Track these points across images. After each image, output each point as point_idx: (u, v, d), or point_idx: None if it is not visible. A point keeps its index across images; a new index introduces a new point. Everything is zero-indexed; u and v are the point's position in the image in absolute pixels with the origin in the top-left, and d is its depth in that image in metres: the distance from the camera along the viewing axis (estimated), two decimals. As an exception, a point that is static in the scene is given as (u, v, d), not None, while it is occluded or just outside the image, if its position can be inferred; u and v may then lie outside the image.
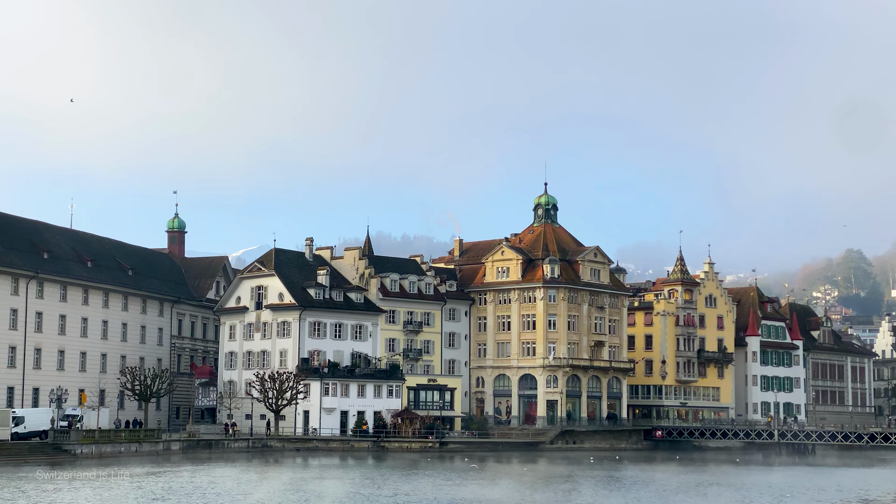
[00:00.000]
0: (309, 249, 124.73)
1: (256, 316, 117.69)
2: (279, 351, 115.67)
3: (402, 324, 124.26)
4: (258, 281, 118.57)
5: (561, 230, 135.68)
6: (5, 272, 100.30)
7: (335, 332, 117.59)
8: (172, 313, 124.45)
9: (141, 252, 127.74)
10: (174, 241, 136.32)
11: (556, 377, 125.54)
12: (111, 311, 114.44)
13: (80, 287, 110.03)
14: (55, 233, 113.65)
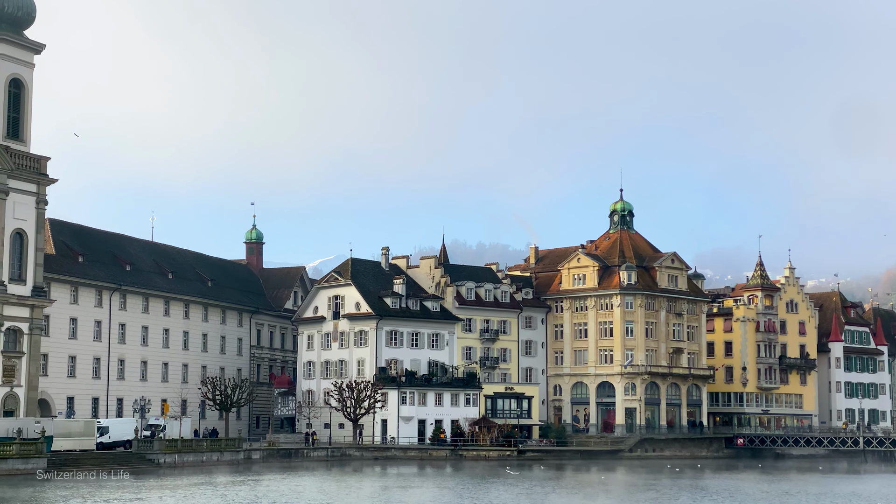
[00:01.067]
0: (385, 259, 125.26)
1: (334, 325, 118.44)
2: (357, 360, 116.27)
3: (479, 332, 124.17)
4: (335, 291, 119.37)
5: (637, 236, 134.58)
6: (89, 284, 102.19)
7: (412, 341, 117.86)
8: (251, 323, 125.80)
9: (220, 263, 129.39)
10: (252, 252, 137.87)
11: (634, 385, 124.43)
12: (192, 322, 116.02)
13: (162, 298, 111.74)
14: (137, 246, 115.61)
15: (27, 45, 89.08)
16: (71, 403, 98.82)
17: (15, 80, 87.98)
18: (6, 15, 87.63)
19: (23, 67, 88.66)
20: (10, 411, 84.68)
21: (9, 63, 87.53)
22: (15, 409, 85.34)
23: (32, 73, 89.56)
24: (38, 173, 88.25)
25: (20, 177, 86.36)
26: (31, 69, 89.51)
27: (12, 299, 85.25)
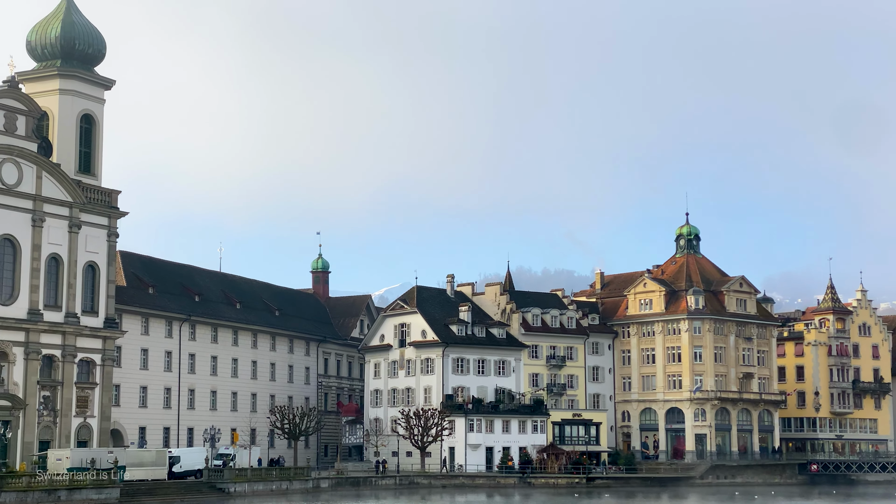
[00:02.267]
0: (450, 286, 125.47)
1: (400, 353, 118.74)
2: (423, 388, 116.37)
3: (545, 358, 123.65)
4: (401, 319, 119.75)
5: (704, 260, 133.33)
6: (160, 315, 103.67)
7: (478, 368, 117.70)
8: (318, 352, 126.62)
9: (287, 293, 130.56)
10: (318, 282, 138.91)
11: (704, 410, 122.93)
12: (260, 352, 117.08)
13: (230, 328, 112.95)
14: (205, 276, 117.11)
15: (98, 82, 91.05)
16: (143, 433, 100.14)
17: (86, 115, 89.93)
18: (77, 52, 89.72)
19: (94, 103, 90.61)
20: (83, 441, 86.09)
21: (80, 99, 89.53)
22: (88, 440, 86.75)
23: (103, 108, 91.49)
24: (108, 207, 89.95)
25: (92, 210, 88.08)
26: (102, 105, 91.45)
27: (85, 331, 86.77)
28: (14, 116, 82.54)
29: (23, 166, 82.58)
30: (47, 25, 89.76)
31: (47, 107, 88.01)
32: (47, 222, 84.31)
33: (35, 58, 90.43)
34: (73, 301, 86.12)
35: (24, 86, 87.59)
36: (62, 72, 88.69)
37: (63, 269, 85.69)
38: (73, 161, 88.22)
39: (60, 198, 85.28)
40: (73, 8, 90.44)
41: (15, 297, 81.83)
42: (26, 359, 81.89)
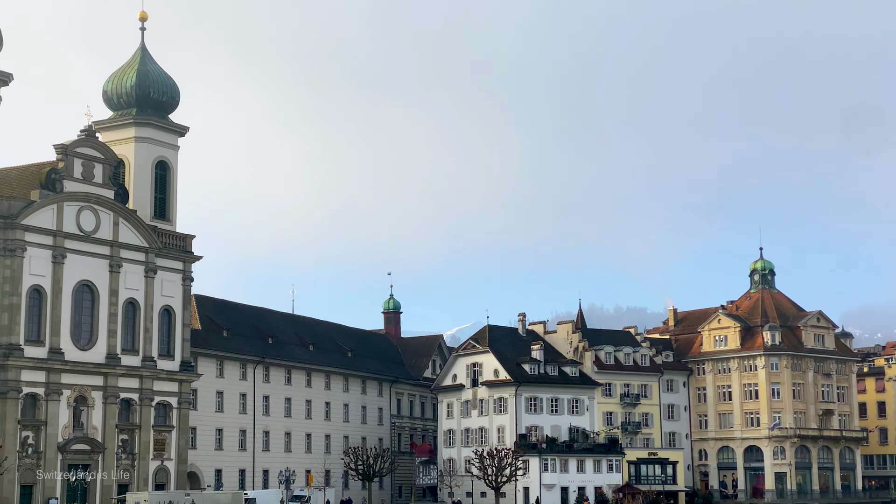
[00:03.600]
0: (522, 325, 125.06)
1: (473, 393, 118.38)
2: (497, 427, 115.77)
3: (619, 396, 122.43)
4: (473, 358, 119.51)
5: (779, 295, 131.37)
6: (234, 358, 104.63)
7: (552, 407, 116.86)
8: (391, 393, 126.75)
9: (359, 334, 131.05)
10: (390, 322, 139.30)
11: (783, 448, 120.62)
12: (333, 393, 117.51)
13: (304, 370, 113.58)
14: (278, 318, 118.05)
15: (172, 129, 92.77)
16: (219, 475, 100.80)
17: (161, 162, 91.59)
18: (152, 101, 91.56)
19: (168, 150, 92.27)
20: (161, 484, 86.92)
21: (155, 147, 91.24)
22: (166, 483, 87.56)
23: (177, 154, 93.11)
24: (183, 251, 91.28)
25: (167, 255, 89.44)
26: (176, 151, 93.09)
27: (162, 374, 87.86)
28: (92, 165, 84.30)
29: (100, 213, 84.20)
30: (123, 75, 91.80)
31: (123, 154, 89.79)
32: (124, 267, 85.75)
33: (111, 107, 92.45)
34: (149, 345, 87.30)
35: (101, 134, 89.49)
36: (137, 120, 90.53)
37: (140, 313, 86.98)
38: (148, 207, 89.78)
39: (137, 243, 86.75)
40: (147, 57, 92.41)
41: (93, 341, 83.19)
42: (105, 403, 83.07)
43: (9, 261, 77.45)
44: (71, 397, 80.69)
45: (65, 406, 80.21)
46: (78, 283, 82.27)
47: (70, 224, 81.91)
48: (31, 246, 78.84)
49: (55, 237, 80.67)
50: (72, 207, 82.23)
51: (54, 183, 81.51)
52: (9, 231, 77.43)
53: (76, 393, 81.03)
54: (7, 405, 76.14)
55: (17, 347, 77.14)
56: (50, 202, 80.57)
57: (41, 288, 79.57)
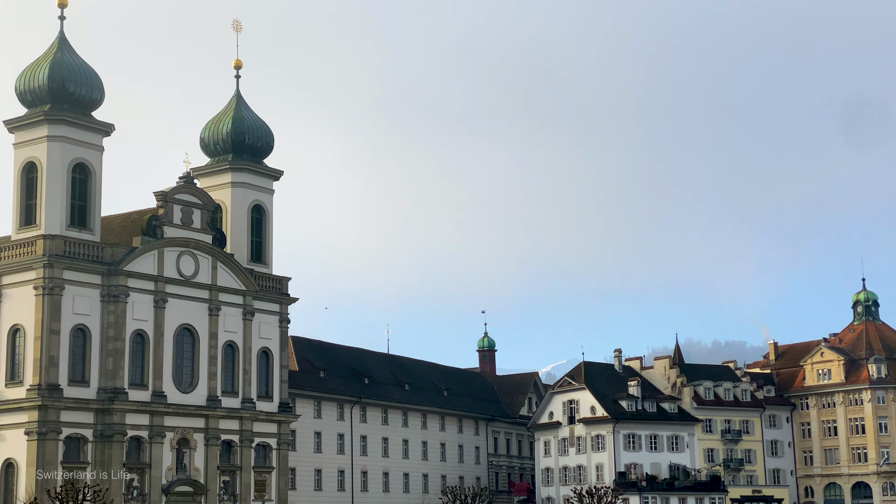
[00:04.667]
0: (618, 361, 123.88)
1: (570, 430, 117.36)
2: (595, 465, 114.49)
3: (720, 433, 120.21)
4: (569, 395, 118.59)
5: (884, 327, 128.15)
6: (331, 398, 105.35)
7: (651, 444, 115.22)
8: (488, 431, 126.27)
9: (454, 372, 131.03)
10: (485, 360, 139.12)
11: (892, 484, 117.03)
12: (429, 432, 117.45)
13: (400, 410, 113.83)
14: (374, 359, 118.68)
15: (267, 173, 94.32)
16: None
17: (257, 206, 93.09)
18: (247, 146, 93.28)
19: (263, 194, 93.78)
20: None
21: (251, 191, 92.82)
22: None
23: (272, 198, 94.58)
24: (280, 293, 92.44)
25: (264, 298, 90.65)
26: (271, 195, 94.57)
27: (261, 416, 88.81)
28: (190, 210, 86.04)
29: (199, 258, 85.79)
30: (219, 122, 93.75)
31: (220, 199, 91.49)
32: (223, 311, 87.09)
33: (208, 153, 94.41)
34: (248, 387, 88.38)
35: (199, 181, 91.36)
36: (233, 165, 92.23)
37: (238, 355, 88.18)
38: (245, 250, 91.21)
39: (235, 287, 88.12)
40: (242, 104, 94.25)
41: (195, 384, 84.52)
42: (206, 444, 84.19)
43: (113, 306, 79.25)
44: (174, 439, 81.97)
45: (168, 448, 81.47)
46: (179, 326, 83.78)
47: (171, 269, 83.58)
48: (134, 291, 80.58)
49: (156, 282, 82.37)
50: (172, 253, 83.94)
51: (155, 229, 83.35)
52: (112, 277, 79.27)
53: (179, 435, 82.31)
54: (113, 448, 77.59)
55: (121, 391, 78.72)
56: (151, 248, 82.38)
57: (144, 332, 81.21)
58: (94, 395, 77.75)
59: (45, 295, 75.74)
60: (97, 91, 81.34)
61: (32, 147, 78.99)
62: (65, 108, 79.18)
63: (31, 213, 78.63)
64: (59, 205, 78.11)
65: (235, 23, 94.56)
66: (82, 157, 79.70)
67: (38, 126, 78.89)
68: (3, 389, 76.51)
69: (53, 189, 77.94)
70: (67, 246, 77.39)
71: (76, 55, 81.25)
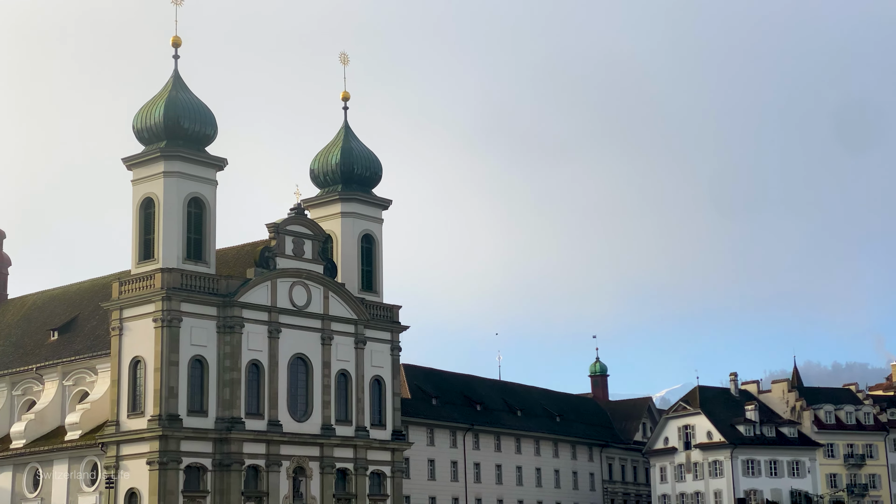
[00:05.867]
0: (734, 385, 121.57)
1: (686, 456, 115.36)
2: (713, 491, 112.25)
3: (843, 457, 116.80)
4: (684, 420, 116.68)
5: None
6: (444, 426, 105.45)
7: (770, 470, 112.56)
8: (602, 458, 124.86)
9: (566, 398, 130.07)
10: (597, 385, 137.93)
11: None
12: (543, 459, 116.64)
13: (513, 436, 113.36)
14: (486, 385, 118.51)
15: (376, 203, 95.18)
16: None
17: (366, 235, 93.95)
18: (356, 177, 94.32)
19: (373, 223, 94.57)
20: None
21: (361, 221, 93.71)
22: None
23: (381, 227, 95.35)
24: (391, 322, 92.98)
25: (375, 326, 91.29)
26: (380, 224, 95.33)
27: (374, 444, 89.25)
28: (302, 241, 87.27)
29: (311, 288, 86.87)
30: (328, 154, 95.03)
31: (331, 230, 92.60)
32: (335, 340, 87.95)
33: (318, 184, 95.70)
34: (361, 415, 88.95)
35: (309, 212, 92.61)
36: (343, 196, 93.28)
37: (351, 384, 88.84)
38: (356, 280, 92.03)
39: (346, 316, 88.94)
40: (350, 135, 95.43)
41: (309, 413, 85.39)
42: (322, 473, 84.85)
43: (228, 337, 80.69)
44: (290, 468, 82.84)
45: (284, 477, 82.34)
46: (293, 356, 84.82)
47: (284, 300, 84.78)
48: (249, 322, 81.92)
49: (270, 313, 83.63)
50: (285, 283, 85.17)
51: (268, 261, 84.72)
52: (228, 309, 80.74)
53: (295, 464, 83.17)
54: (231, 477, 78.77)
55: (238, 421, 79.95)
56: (264, 279, 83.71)
57: (259, 362, 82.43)
58: (213, 425, 79.09)
59: (164, 327, 77.50)
60: (210, 127, 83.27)
61: (150, 183, 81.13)
62: (180, 145, 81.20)
63: (150, 248, 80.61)
64: (176, 239, 79.96)
65: (343, 56, 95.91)
66: (197, 192, 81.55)
67: (154, 163, 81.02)
68: (126, 420, 78.38)
69: (170, 223, 79.84)
70: (184, 279, 79.13)
71: (190, 92, 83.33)
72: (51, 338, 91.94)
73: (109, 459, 78.09)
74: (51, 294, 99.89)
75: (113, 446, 78.07)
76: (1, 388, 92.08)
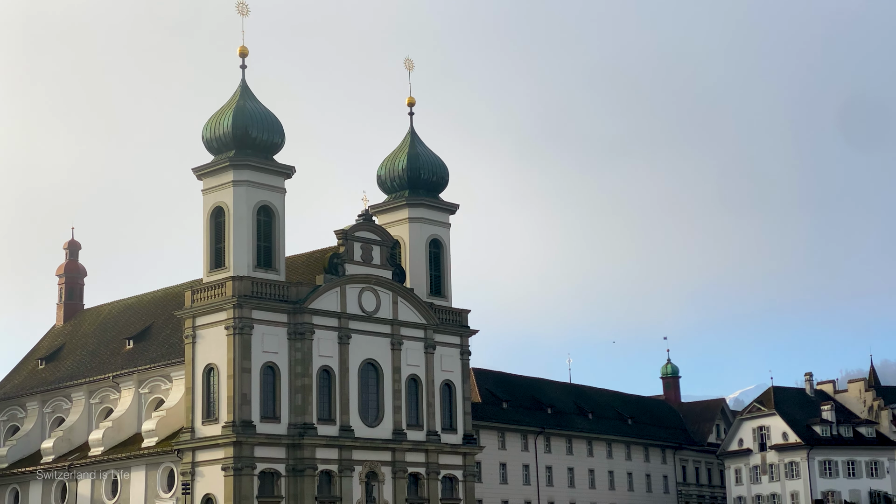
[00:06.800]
0: (809, 384, 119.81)
1: (761, 458, 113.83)
2: (790, 493, 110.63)
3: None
4: (759, 421, 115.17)
5: None
6: (515, 429, 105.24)
7: (848, 471, 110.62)
8: (675, 460, 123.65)
9: (638, 400, 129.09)
10: (669, 387, 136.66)
11: None
12: (615, 462, 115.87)
13: (584, 439, 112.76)
14: (556, 388, 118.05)
15: (443, 207, 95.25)
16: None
17: (434, 240, 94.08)
18: (423, 182, 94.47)
19: (440, 228, 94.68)
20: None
21: (428, 225, 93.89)
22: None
23: (449, 232, 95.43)
24: (460, 326, 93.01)
25: (444, 331, 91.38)
26: (448, 228, 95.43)
27: (446, 448, 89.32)
28: (370, 247, 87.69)
29: (380, 293, 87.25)
30: (395, 159, 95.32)
31: (399, 235, 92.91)
32: (405, 345, 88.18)
33: (385, 190, 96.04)
34: (432, 419, 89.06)
35: (377, 217, 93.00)
36: (410, 201, 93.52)
37: (421, 388, 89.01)
38: (424, 285, 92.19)
39: (415, 321, 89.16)
40: (416, 141, 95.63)
41: (380, 418, 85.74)
42: (394, 477, 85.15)
43: (299, 343, 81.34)
44: (362, 473, 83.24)
45: (357, 482, 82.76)
46: (363, 361, 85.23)
47: (353, 306, 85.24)
48: (319, 328, 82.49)
49: (340, 319, 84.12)
50: (354, 289, 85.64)
51: (336, 267, 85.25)
52: (298, 315, 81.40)
53: (367, 469, 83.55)
54: (304, 482, 79.37)
55: (310, 426, 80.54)
56: (334, 286, 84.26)
57: (330, 368, 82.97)
58: (285, 431, 79.77)
59: (236, 334, 78.36)
60: (278, 135, 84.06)
61: (219, 192, 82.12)
62: (248, 154, 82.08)
63: (221, 256, 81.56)
64: (246, 247, 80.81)
65: (408, 61, 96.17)
66: (266, 200, 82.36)
67: (224, 172, 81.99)
68: (200, 427, 79.38)
69: (240, 232, 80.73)
70: (255, 286, 79.94)
71: (257, 102, 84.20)
72: (126, 346, 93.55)
73: (185, 466, 79.16)
74: (125, 303, 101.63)
75: (188, 452, 79.12)
76: (79, 396, 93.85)
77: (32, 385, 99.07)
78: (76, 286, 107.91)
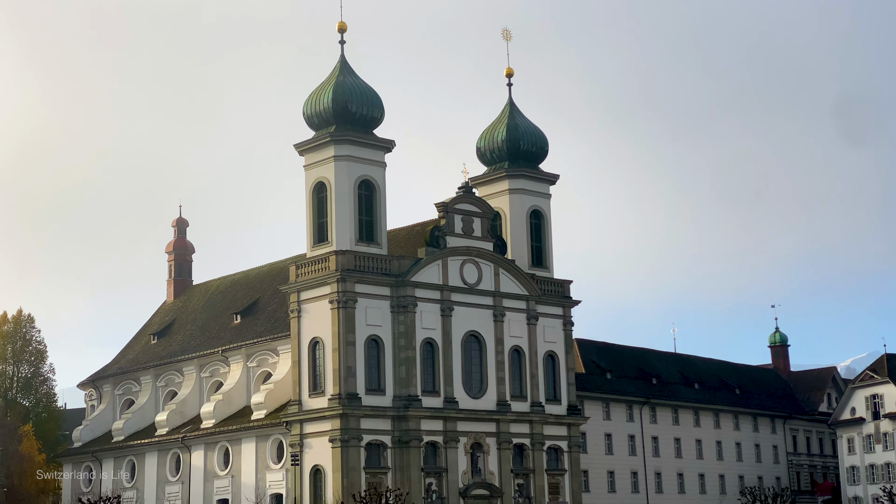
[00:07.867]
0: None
1: (875, 426, 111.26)
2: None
3: None
4: (872, 390, 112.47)
5: None
6: (620, 400, 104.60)
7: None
8: (785, 430, 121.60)
9: (745, 370, 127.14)
10: (777, 356, 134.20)
11: None
12: (723, 432, 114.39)
13: (691, 409, 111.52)
14: (661, 358, 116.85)
15: (543, 178, 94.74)
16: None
17: (535, 211, 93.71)
18: (522, 153, 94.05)
19: (541, 199, 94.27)
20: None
21: (528, 196, 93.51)
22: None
23: (549, 202, 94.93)
24: (562, 297, 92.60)
25: (547, 301, 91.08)
26: (548, 199, 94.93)
27: (550, 419, 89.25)
28: (471, 219, 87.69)
29: (481, 265, 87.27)
30: (493, 131, 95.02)
31: (499, 207, 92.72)
32: (507, 316, 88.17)
33: (484, 162, 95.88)
34: (536, 390, 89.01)
35: (477, 189, 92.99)
36: (510, 172, 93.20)
37: (525, 360, 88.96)
38: (525, 256, 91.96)
39: (517, 292, 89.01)
40: (515, 112, 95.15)
41: (484, 389, 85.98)
42: (499, 448, 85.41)
43: (402, 317, 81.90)
44: (467, 444, 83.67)
45: (462, 453, 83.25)
46: (466, 333, 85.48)
47: (455, 278, 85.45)
48: (422, 301, 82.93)
49: (442, 291, 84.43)
50: (455, 262, 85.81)
51: (438, 240, 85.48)
52: (401, 289, 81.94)
53: (472, 440, 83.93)
54: (410, 454, 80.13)
55: (415, 398, 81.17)
56: (435, 258, 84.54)
57: (433, 341, 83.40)
58: (390, 403, 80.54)
59: (340, 308, 79.23)
60: (377, 110, 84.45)
61: (321, 168, 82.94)
62: (348, 129, 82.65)
63: (323, 231, 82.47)
64: (348, 221, 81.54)
65: (505, 32, 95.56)
66: (367, 174, 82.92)
67: (325, 147, 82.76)
68: (307, 399, 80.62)
69: (342, 206, 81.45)
70: (358, 260, 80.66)
71: (356, 77, 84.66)
72: (234, 321, 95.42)
73: (294, 437, 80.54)
74: (232, 279, 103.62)
75: (297, 425, 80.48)
76: (190, 370, 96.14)
77: (146, 360, 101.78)
78: (185, 263, 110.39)
